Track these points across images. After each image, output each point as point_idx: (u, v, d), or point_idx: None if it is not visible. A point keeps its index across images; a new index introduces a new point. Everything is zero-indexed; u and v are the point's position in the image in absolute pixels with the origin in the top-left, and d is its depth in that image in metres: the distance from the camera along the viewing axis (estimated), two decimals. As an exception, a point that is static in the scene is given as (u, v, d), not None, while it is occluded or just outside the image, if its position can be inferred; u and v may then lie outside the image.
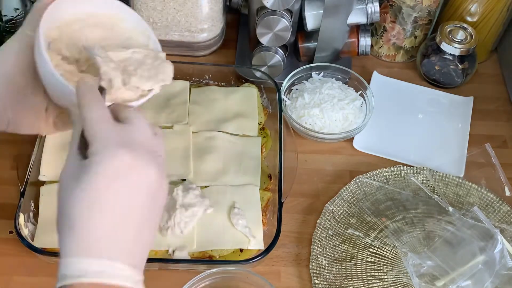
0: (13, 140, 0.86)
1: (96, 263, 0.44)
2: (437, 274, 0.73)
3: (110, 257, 0.45)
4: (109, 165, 0.45)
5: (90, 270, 0.44)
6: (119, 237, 0.46)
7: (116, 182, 0.45)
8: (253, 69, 0.94)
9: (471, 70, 1.00)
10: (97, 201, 0.45)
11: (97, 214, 0.45)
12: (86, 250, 0.44)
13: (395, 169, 0.88)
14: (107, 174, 0.45)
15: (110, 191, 0.45)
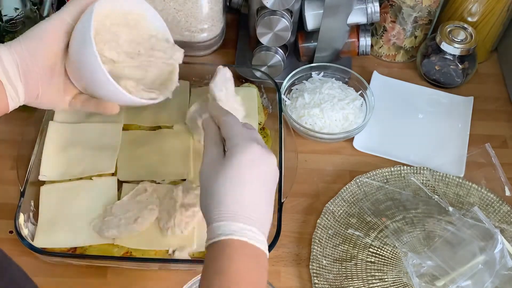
0: (13, 140, 0.86)
1: (240, 226, 0.57)
2: (437, 274, 0.73)
3: (250, 223, 0.58)
4: (247, 154, 0.60)
5: (236, 230, 0.57)
6: (256, 209, 0.59)
7: (253, 167, 0.60)
8: (253, 69, 0.94)
9: (471, 70, 1.00)
10: (240, 180, 0.59)
11: (241, 190, 0.59)
12: (232, 216, 0.57)
13: (395, 169, 0.88)
14: (246, 160, 0.60)
15: (249, 173, 0.60)
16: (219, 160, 0.62)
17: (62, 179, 0.80)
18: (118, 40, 0.69)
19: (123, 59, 0.69)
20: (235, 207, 0.58)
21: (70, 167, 0.81)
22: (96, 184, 0.79)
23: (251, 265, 0.57)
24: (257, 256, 0.58)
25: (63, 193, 0.78)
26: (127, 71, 0.70)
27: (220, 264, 0.56)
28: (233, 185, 0.59)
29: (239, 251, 0.57)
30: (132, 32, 0.71)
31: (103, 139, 0.84)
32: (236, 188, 0.59)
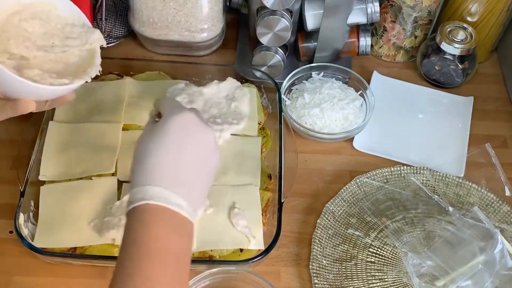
0: (13, 140, 0.86)
1: (159, 190, 0.54)
2: (437, 274, 0.73)
3: (173, 190, 0.54)
4: (178, 119, 0.59)
5: (155, 195, 0.54)
6: (180, 175, 0.56)
7: (182, 133, 0.58)
8: (253, 69, 0.94)
9: (471, 70, 1.00)
10: (166, 145, 0.57)
11: (165, 154, 0.56)
12: (152, 180, 0.54)
13: (395, 169, 0.88)
14: (175, 124, 0.58)
15: (176, 138, 0.57)
16: (151, 126, 0.61)
17: (62, 179, 0.80)
18: (29, 35, 0.66)
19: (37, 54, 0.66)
20: (156, 170, 0.55)
21: (70, 167, 0.81)
22: (96, 184, 0.79)
23: (171, 232, 0.53)
24: (180, 223, 0.54)
25: (63, 193, 0.78)
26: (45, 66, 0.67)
27: (138, 232, 0.53)
28: (157, 148, 0.57)
29: (158, 217, 0.53)
30: (45, 25, 0.68)
31: (103, 139, 0.84)
32: (161, 152, 0.56)
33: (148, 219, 0.53)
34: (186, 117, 0.59)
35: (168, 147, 0.57)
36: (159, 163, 0.56)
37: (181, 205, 0.54)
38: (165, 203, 0.54)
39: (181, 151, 0.57)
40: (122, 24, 1.08)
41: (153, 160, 0.56)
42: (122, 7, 1.10)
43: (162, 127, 0.58)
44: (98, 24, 1.04)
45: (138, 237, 0.52)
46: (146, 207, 0.53)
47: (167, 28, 0.96)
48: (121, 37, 1.06)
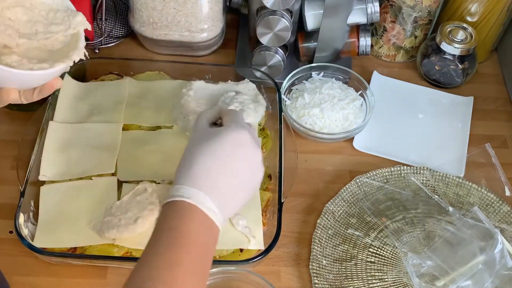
0: (13, 140, 0.86)
1: (198, 193, 0.58)
2: (437, 274, 0.73)
3: (210, 197, 0.59)
4: (236, 135, 0.63)
5: (193, 196, 0.58)
6: (221, 186, 0.60)
7: (235, 149, 0.62)
8: (253, 69, 0.94)
9: (471, 70, 1.00)
10: (218, 155, 0.61)
11: (215, 163, 0.61)
12: (196, 184, 0.59)
13: (395, 169, 0.88)
14: (232, 139, 0.63)
15: (228, 152, 0.62)
16: (208, 131, 0.65)
17: (62, 179, 0.80)
18: (12, 23, 0.65)
19: (19, 42, 0.65)
20: (202, 176, 0.60)
21: (70, 167, 0.81)
22: (96, 184, 0.79)
23: (201, 228, 0.58)
24: (209, 226, 0.59)
25: (63, 193, 0.78)
26: (30, 54, 0.65)
27: (172, 221, 0.57)
28: (209, 156, 0.61)
29: (191, 214, 0.58)
30: (28, 13, 0.67)
31: (103, 139, 0.84)
32: (211, 160, 0.61)
33: (184, 213, 0.58)
34: (243, 135, 0.64)
35: (219, 158, 0.61)
36: (206, 170, 0.60)
37: (214, 211, 0.59)
38: (201, 205, 0.58)
39: (229, 165, 0.61)
40: (122, 24, 1.08)
41: (202, 166, 0.60)
42: (122, 7, 1.10)
43: (220, 138, 0.62)
44: (98, 24, 1.04)
45: (172, 225, 0.57)
46: (183, 204, 0.58)
47: (167, 28, 0.96)
48: (121, 37, 1.06)
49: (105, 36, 1.04)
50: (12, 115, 0.93)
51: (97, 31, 1.04)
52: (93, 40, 1.03)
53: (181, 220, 0.57)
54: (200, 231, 0.57)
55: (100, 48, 1.04)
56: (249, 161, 0.64)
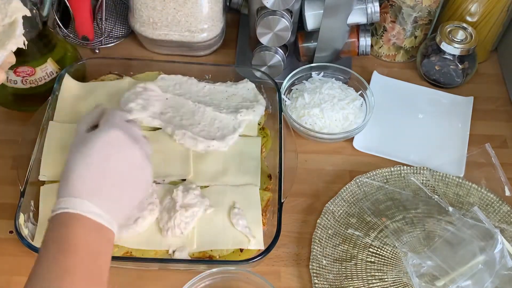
0: (13, 140, 0.86)
1: (78, 201, 0.58)
2: (437, 274, 0.73)
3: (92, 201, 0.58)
4: (106, 136, 0.62)
5: (75, 205, 0.57)
6: (101, 189, 0.60)
7: (107, 150, 0.62)
8: (253, 69, 0.94)
9: (471, 70, 1.00)
10: (88, 158, 0.60)
11: (86, 167, 0.60)
12: (74, 192, 0.58)
13: (395, 169, 0.88)
14: (103, 142, 0.62)
15: (101, 155, 0.61)
16: (83, 137, 0.65)
17: (62, 179, 0.80)
18: None
19: None
20: (78, 183, 0.59)
21: (70, 167, 0.81)
22: (96, 184, 0.79)
23: (89, 233, 0.57)
24: (99, 229, 0.58)
25: (63, 193, 0.78)
26: None
27: (58, 232, 0.56)
28: (83, 162, 0.60)
29: (76, 222, 0.57)
30: None
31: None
32: (85, 166, 0.60)
33: (68, 222, 0.57)
34: (115, 134, 0.63)
35: (92, 163, 0.60)
36: (82, 177, 0.59)
37: (99, 214, 0.58)
38: (83, 212, 0.57)
39: (104, 167, 0.61)
40: (122, 24, 1.08)
41: (77, 175, 0.59)
42: (122, 7, 1.10)
43: (90, 143, 0.62)
44: (98, 24, 1.04)
45: (58, 235, 0.56)
46: (66, 215, 0.57)
47: (167, 28, 0.96)
48: (121, 37, 1.06)
49: (105, 36, 1.04)
50: (12, 115, 0.93)
51: (97, 31, 1.04)
52: (93, 40, 1.03)
53: (67, 229, 0.56)
54: (88, 236, 0.57)
55: (100, 48, 1.04)
56: (126, 159, 0.63)
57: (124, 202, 0.62)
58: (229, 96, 0.91)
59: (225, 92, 0.91)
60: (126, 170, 0.63)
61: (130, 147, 0.64)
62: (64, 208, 0.57)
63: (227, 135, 0.85)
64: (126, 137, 0.64)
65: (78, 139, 0.65)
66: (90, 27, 1.01)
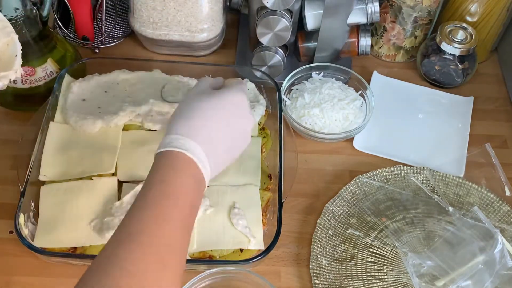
0: (13, 140, 0.86)
1: (196, 146, 0.59)
2: (437, 274, 0.73)
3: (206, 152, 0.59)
4: (237, 97, 0.65)
5: (190, 148, 0.58)
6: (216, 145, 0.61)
7: (235, 110, 0.64)
8: (253, 69, 0.94)
9: (471, 70, 1.00)
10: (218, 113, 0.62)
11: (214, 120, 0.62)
12: (194, 136, 0.59)
13: (395, 169, 0.88)
14: (233, 101, 0.64)
15: (229, 112, 0.63)
16: (207, 92, 0.66)
17: (62, 179, 0.80)
18: None
19: None
20: (198, 128, 0.60)
21: (70, 167, 0.81)
22: (96, 184, 0.79)
23: (193, 184, 0.58)
24: (200, 180, 0.59)
25: (63, 193, 0.78)
26: None
27: (166, 173, 0.57)
28: (207, 111, 0.62)
29: (186, 167, 0.58)
30: None
31: (103, 139, 0.84)
32: (211, 115, 0.62)
33: (178, 165, 0.57)
34: (244, 99, 0.66)
35: (219, 115, 0.62)
36: (206, 124, 0.61)
37: (205, 166, 0.59)
38: (197, 160, 0.58)
39: (227, 125, 0.63)
40: (122, 24, 1.08)
41: (201, 120, 0.61)
42: (122, 7, 1.10)
43: (222, 97, 0.64)
44: (98, 24, 1.04)
45: (165, 178, 0.56)
46: (180, 155, 0.58)
47: (167, 28, 0.96)
48: (121, 37, 1.06)
49: (105, 36, 1.04)
50: (12, 115, 0.93)
51: (97, 31, 1.04)
52: (93, 40, 1.03)
53: (175, 172, 0.57)
54: (191, 186, 0.57)
55: (100, 48, 1.04)
56: (244, 125, 0.66)
57: (224, 164, 0.64)
58: None
59: None
60: (239, 135, 0.65)
61: (250, 115, 0.66)
62: (180, 148, 0.58)
63: None
64: (248, 104, 0.67)
65: (202, 92, 0.66)
66: (90, 27, 1.01)
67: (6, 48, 0.66)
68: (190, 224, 0.57)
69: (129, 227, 0.53)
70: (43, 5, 0.85)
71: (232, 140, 0.64)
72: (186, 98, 0.65)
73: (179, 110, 0.63)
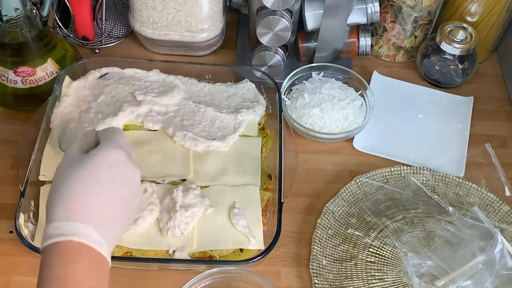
0: (13, 140, 0.86)
1: (81, 227, 0.52)
2: (437, 274, 0.73)
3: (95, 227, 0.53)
4: (109, 156, 0.58)
5: (77, 232, 0.52)
6: (104, 214, 0.55)
7: (113, 170, 0.57)
8: (253, 69, 0.94)
9: (471, 70, 1.00)
10: (93, 181, 0.55)
11: (91, 190, 0.55)
12: (77, 216, 0.53)
13: (395, 169, 0.88)
14: (106, 161, 0.57)
15: (106, 175, 0.56)
16: (79, 157, 0.58)
17: (62, 179, 0.80)
18: None
19: None
20: (80, 206, 0.54)
21: (70, 167, 0.81)
22: (96, 184, 0.79)
23: (92, 271, 0.52)
24: (99, 262, 0.53)
25: (63, 193, 0.78)
26: None
27: (60, 269, 0.51)
28: (83, 184, 0.55)
29: (80, 255, 0.52)
30: None
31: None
32: (86, 187, 0.55)
33: (71, 256, 0.52)
34: (119, 155, 0.59)
35: (97, 183, 0.55)
36: (85, 198, 0.54)
37: (101, 243, 0.53)
38: (87, 241, 0.52)
39: (109, 190, 0.56)
40: (122, 24, 1.08)
41: (79, 195, 0.54)
42: (122, 7, 1.10)
43: (95, 161, 0.57)
44: (98, 24, 1.04)
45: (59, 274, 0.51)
46: (69, 244, 0.52)
47: (167, 28, 0.96)
48: (121, 37, 1.06)
49: (105, 36, 1.04)
50: (12, 115, 0.93)
51: (97, 31, 1.04)
52: (93, 40, 1.03)
53: (70, 264, 0.51)
54: (91, 272, 0.52)
55: (100, 48, 1.04)
56: (129, 183, 0.59)
57: (118, 230, 0.58)
58: (229, 96, 0.91)
59: (225, 92, 0.92)
60: (127, 195, 0.59)
61: (133, 168, 0.60)
62: (65, 235, 0.52)
63: (227, 135, 0.85)
64: (129, 158, 0.60)
65: (72, 160, 0.58)
66: (90, 27, 1.01)
67: None
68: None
69: None
70: (43, 5, 0.85)
71: (122, 201, 0.58)
72: (56, 175, 0.58)
73: (53, 191, 0.56)
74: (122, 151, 0.59)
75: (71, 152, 0.61)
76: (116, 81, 0.90)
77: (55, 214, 0.53)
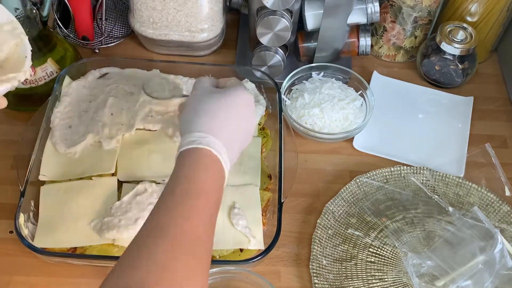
0: (13, 140, 0.86)
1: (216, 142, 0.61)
2: (437, 274, 0.73)
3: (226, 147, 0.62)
4: (246, 96, 0.68)
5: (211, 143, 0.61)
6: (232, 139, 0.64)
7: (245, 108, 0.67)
8: (253, 69, 0.94)
9: (471, 70, 1.00)
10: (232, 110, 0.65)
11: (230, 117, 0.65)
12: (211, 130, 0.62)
13: (395, 169, 0.88)
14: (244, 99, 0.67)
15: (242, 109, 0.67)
16: (214, 90, 0.69)
17: (62, 179, 0.80)
18: None
19: None
20: (221, 125, 0.63)
21: (70, 167, 0.81)
22: (96, 184, 0.79)
23: (216, 181, 0.60)
24: (222, 174, 0.62)
25: (63, 193, 0.78)
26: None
27: (191, 170, 0.59)
28: (225, 108, 0.65)
29: (211, 164, 0.60)
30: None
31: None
32: (227, 112, 0.65)
33: (202, 161, 0.60)
34: (251, 98, 0.69)
35: (233, 112, 0.65)
36: (226, 120, 0.64)
37: (227, 163, 0.62)
38: (219, 155, 0.61)
39: (240, 121, 0.66)
40: (122, 24, 1.08)
41: (218, 116, 0.64)
42: (122, 7, 1.10)
43: (234, 94, 0.67)
44: (98, 24, 1.04)
45: (189, 174, 0.59)
46: (206, 153, 0.60)
47: (167, 28, 0.96)
48: (121, 37, 1.06)
49: (105, 36, 1.04)
50: (12, 115, 0.93)
51: (97, 31, 1.04)
52: (93, 40, 1.03)
53: (199, 168, 0.59)
54: (217, 183, 0.60)
55: (100, 48, 1.04)
56: (251, 124, 0.69)
57: (234, 159, 0.65)
58: None
59: None
60: (249, 129, 0.68)
61: (254, 114, 0.70)
62: (204, 144, 0.60)
63: None
64: (254, 103, 0.70)
65: (207, 90, 0.69)
66: (90, 27, 1.01)
67: (16, 49, 0.67)
68: (215, 218, 0.59)
69: (158, 221, 0.55)
70: (43, 5, 0.85)
71: (243, 134, 0.67)
72: (195, 97, 0.68)
73: (192, 108, 0.65)
74: (252, 96, 0.69)
75: (205, 84, 0.70)
76: (116, 81, 0.90)
77: (196, 125, 0.63)
